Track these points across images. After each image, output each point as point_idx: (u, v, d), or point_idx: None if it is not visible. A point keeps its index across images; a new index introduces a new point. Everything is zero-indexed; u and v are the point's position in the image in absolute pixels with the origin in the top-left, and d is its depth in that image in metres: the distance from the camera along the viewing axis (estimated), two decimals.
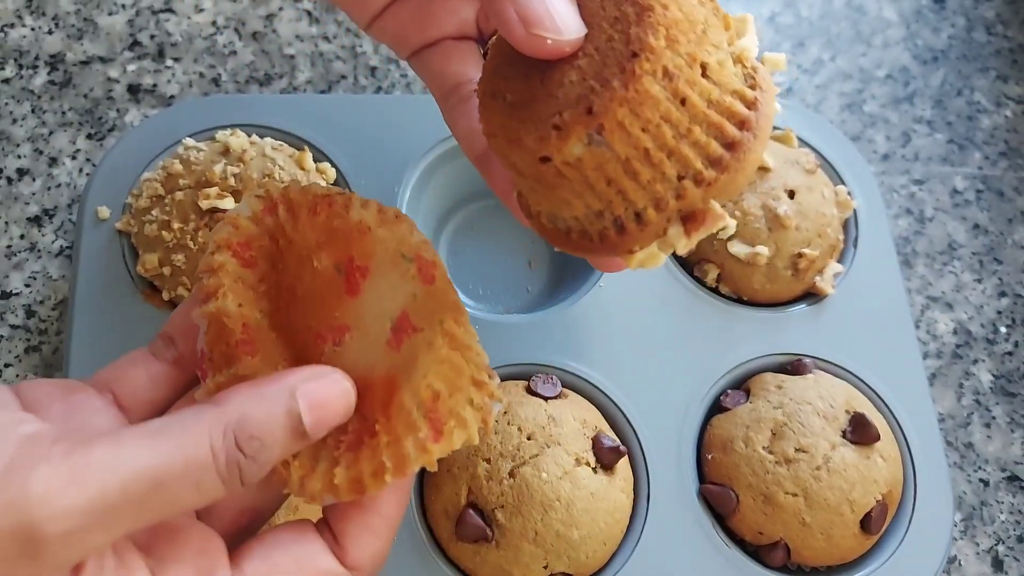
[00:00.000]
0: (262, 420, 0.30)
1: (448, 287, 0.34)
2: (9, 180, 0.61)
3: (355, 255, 0.34)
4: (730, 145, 0.32)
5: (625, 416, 0.53)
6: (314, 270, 0.34)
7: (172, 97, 0.65)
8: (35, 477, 0.27)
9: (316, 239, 0.35)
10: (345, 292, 0.34)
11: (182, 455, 0.29)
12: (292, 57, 0.67)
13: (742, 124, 0.32)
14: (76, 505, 0.27)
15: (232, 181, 0.54)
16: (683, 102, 0.31)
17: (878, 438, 0.51)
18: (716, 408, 0.55)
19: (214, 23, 0.68)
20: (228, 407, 0.30)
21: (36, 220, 0.59)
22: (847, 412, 0.52)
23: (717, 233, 0.56)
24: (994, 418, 0.60)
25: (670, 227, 0.33)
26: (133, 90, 0.65)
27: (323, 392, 0.31)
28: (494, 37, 0.37)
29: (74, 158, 0.62)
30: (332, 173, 0.57)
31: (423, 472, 0.51)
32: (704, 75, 0.32)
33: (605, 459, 0.50)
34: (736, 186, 0.32)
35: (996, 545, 0.56)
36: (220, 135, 0.57)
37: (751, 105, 0.32)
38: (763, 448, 0.51)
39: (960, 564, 0.55)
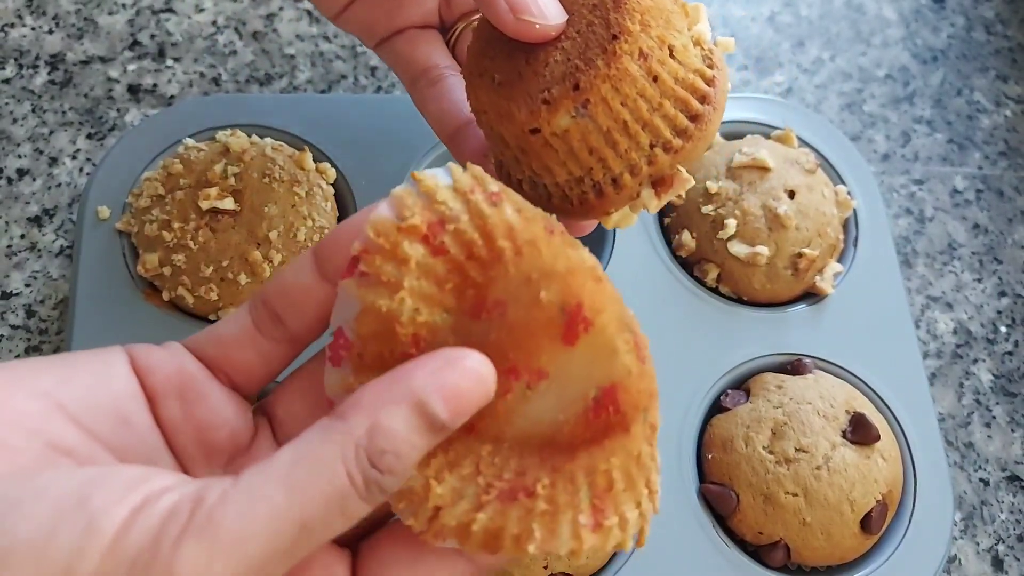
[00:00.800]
0: (393, 431, 0.27)
1: (654, 373, 0.31)
2: (9, 180, 0.61)
3: (585, 304, 0.29)
4: (694, 117, 0.37)
5: None
6: (538, 300, 0.29)
7: (172, 97, 0.65)
8: (180, 558, 0.25)
9: (545, 265, 0.29)
10: (561, 338, 0.29)
11: (321, 492, 0.26)
12: (292, 57, 0.67)
13: (703, 99, 0.37)
14: None
15: (232, 181, 0.54)
16: (655, 79, 0.35)
17: (878, 438, 0.51)
18: (716, 408, 0.55)
19: (214, 23, 0.68)
20: (354, 421, 0.27)
21: (36, 220, 0.59)
22: (847, 412, 0.52)
23: (717, 233, 0.57)
24: (994, 418, 0.60)
25: (643, 190, 0.37)
26: (133, 90, 0.65)
27: (456, 382, 0.28)
28: (476, 21, 0.41)
29: (74, 158, 0.62)
30: (332, 173, 0.57)
31: None
32: (672, 56, 0.36)
33: None
34: (698, 153, 0.37)
35: (996, 544, 0.56)
36: (220, 135, 0.57)
37: (710, 82, 0.37)
38: (763, 448, 0.51)
39: (960, 563, 0.55)
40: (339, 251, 0.31)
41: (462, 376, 0.28)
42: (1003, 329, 0.63)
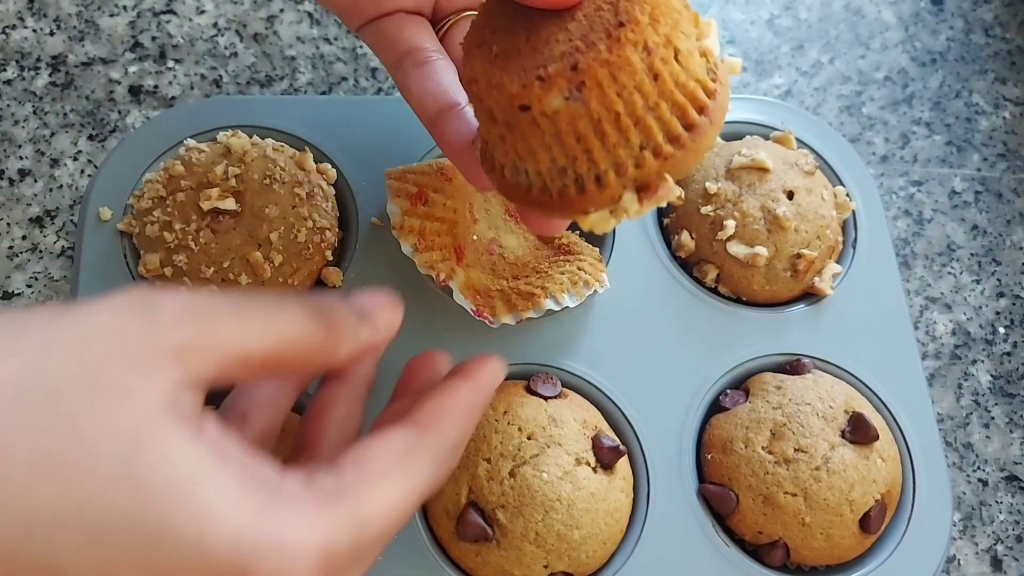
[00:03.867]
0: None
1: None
2: (11, 181, 0.61)
3: None
4: (689, 126, 0.35)
5: (625, 416, 0.53)
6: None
7: (173, 98, 0.65)
8: None
9: None
10: None
11: None
12: (293, 59, 0.67)
13: (702, 109, 0.35)
14: None
15: (233, 182, 0.54)
16: (656, 77, 0.34)
17: (877, 438, 0.52)
18: (715, 408, 0.55)
19: (215, 25, 0.68)
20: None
21: (38, 221, 0.60)
22: (846, 412, 0.52)
23: (716, 234, 0.57)
24: (993, 418, 0.60)
25: (625, 193, 0.36)
26: (135, 91, 0.65)
27: None
28: (468, 15, 0.41)
29: (76, 159, 0.62)
30: (333, 174, 0.58)
31: None
32: (676, 58, 0.35)
33: (605, 459, 0.50)
34: (687, 165, 0.36)
35: (995, 545, 0.56)
36: (221, 136, 0.57)
37: (711, 95, 0.36)
38: (762, 448, 0.51)
39: (959, 564, 0.55)
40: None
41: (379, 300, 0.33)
42: (1001, 330, 0.63)
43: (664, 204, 0.36)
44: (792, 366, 0.55)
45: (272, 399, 0.34)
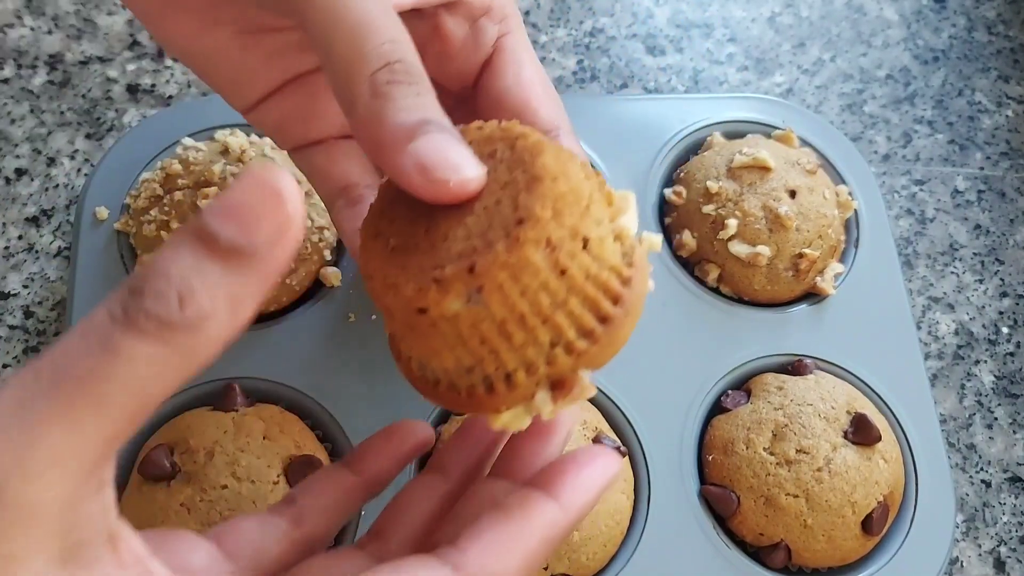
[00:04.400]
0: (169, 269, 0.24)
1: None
2: (7, 180, 0.60)
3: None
4: (603, 319, 0.32)
5: (625, 416, 0.53)
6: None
7: (171, 97, 0.65)
8: None
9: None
10: None
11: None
12: None
13: (616, 299, 0.33)
14: None
15: (231, 181, 0.54)
16: (563, 273, 0.31)
17: (879, 439, 0.51)
18: (717, 409, 0.54)
19: None
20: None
21: (34, 221, 0.59)
22: (848, 413, 0.52)
23: (718, 233, 0.56)
24: (996, 419, 0.59)
25: (538, 391, 0.33)
26: (132, 90, 0.65)
27: (239, 198, 0.25)
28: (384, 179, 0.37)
29: (73, 158, 0.62)
30: None
31: None
32: (585, 248, 0.32)
33: None
34: (604, 358, 0.33)
35: (998, 546, 0.56)
36: (219, 135, 0.57)
37: (626, 282, 0.33)
38: (764, 449, 0.51)
39: (962, 566, 0.55)
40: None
41: (245, 192, 0.25)
42: (1005, 330, 0.62)
43: (577, 403, 0.33)
44: (794, 366, 0.55)
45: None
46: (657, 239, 0.35)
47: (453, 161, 0.30)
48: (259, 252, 0.25)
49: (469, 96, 0.43)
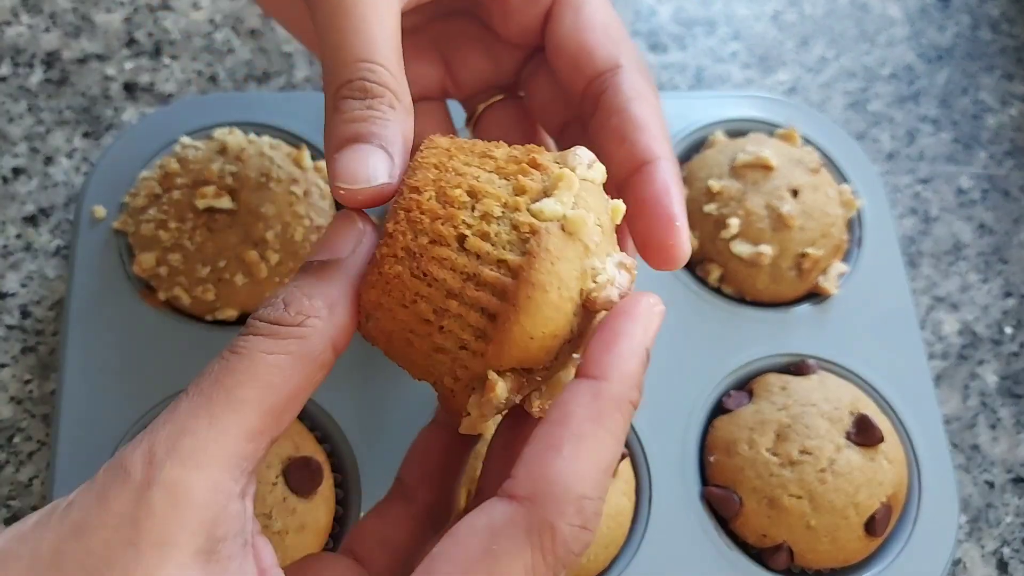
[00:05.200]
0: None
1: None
2: (5, 179, 0.60)
3: None
4: (492, 316, 0.32)
5: None
6: None
7: (169, 95, 0.64)
8: None
9: None
10: None
11: None
12: (290, 55, 0.67)
13: (503, 293, 0.32)
14: None
15: (229, 180, 0.54)
16: (434, 279, 0.32)
17: (883, 440, 0.51)
18: (719, 409, 0.54)
19: (212, 21, 0.67)
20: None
21: (32, 220, 0.59)
22: (851, 413, 0.52)
23: (720, 233, 0.56)
24: (1000, 419, 0.59)
25: (472, 396, 0.33)
26: (130, 88, 0.64)
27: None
28: (497, 101, 0.43)
29: (71, 157, 0.61)
30: None
31: None
32: (462, 248, 0.32)
33: None
34: (510, 355, 0.32)
35: (1001, 547, 0.55)
36: (218, 133, 0.56)
37: (515, 272, 0.32)
38: (767, 450, 0.51)
39: (965, 567, 0.55)
40: None
41: (328, 228, 0.34)
42: (1009, 330, 0.62)
43: (502, 405, 0.33)
44: (797, 367, 0.54)
45: None
46: (578, 216, 0.33)
47: (359, 174, 0.33)
48: (342, 260, 0.32)
49: (541, 48, 0.45)
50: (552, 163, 0.34)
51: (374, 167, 0.33)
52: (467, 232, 0.32)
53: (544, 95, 0.46)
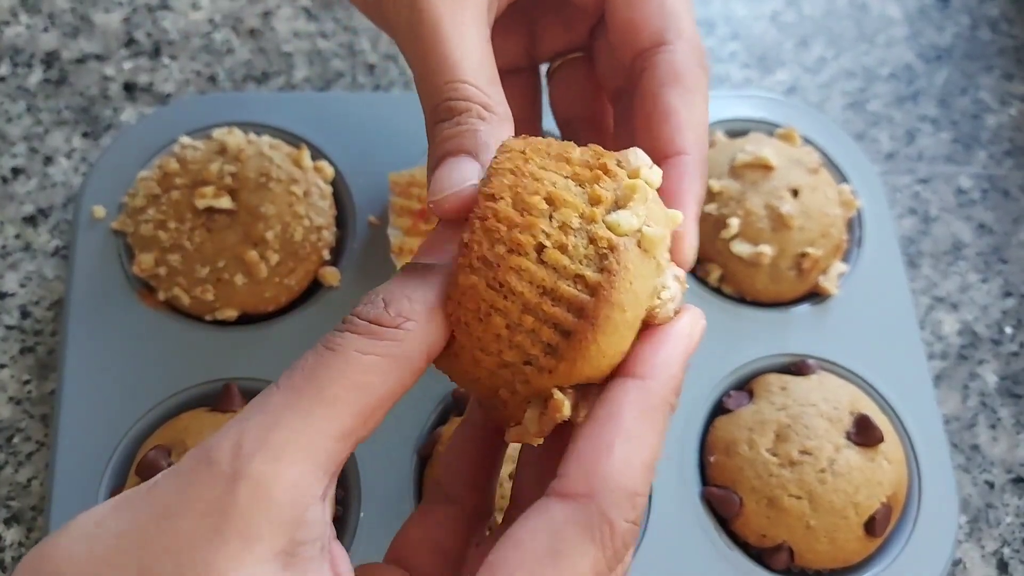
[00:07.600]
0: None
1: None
2: (4, 179, 0.60)
3: None
4: (566, 333, 0.31)
5: None
6: None
7: (168, 95, 0.64)
8: None
9: None
10: None
11: None
12: (289, 55, 0.66)
13: (580, 311, 0.31)
14: None
15: (229, 180, 0.53)
16: (511, 291, 0.31)
17: (882, 440, 0.51)
18: (719, 409, 0.54)
19: (211, 21, 0.67)
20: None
21: (31, 220, 0.59)
22: (851, 414, 0.52)
23: (720, 233, 0.56)
24: (1000, 419, 0.59)
25: (529, 409, 0.33)
26: (129, 88, 0.64)
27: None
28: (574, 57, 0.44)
29: (69, 157, 0.61)
30: (330, 171, 0.57)
31: None
32: (540, 260, 0.31)
33: None
34: (580, 372, 0.32)
35: (1002, 548, 0.55)
36: (217, 133, 0.56)
37: (593, 291, 0.31)
38: (767, 451, 0.51)
39: (965, 567, 0.55)
40: None
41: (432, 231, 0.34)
42: (1008, 330, 0.62)
43: (562, 419, 0.33)
44: (797, 367, 0.54)
45: None
46: (657, 234, 0.32)
47: (445, 183, 0.33)
48: (445, 266, 0.31)
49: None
50: (618, 168, 0.33)
51: (460, 174, 0.33)
52: (546, 242, 0.31)
53: (604, 61, 0.46)
